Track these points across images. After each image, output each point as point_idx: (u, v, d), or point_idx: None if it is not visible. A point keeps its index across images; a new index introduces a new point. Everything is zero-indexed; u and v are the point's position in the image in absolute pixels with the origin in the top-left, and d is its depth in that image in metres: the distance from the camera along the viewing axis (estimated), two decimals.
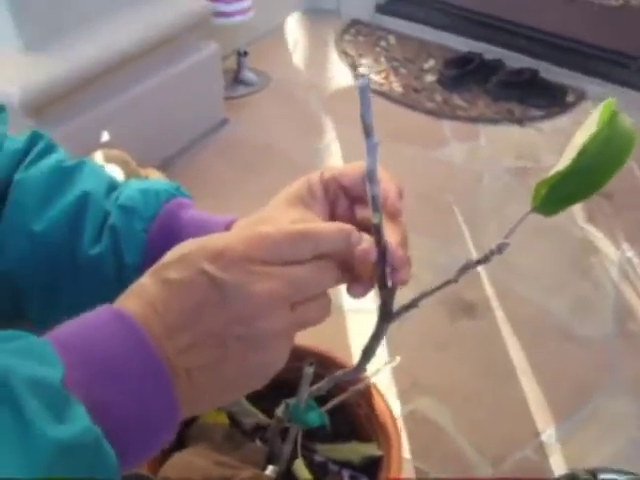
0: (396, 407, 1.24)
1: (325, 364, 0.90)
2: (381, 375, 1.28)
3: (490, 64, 2.24)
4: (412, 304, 0.52)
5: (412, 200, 1.76)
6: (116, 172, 1.64)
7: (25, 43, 1.41)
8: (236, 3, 1.97)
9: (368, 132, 0.39)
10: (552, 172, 0.37)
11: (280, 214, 0.43)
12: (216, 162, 1.93)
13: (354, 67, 2.41)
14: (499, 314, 1.43)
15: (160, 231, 0.51)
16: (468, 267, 0.46)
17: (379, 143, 0.39)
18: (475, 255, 1.57)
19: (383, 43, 2.58)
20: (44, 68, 1.40)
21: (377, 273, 0.51)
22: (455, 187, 1.82)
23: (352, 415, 0.90)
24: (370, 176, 0.40)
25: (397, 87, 2.29)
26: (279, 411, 0.76)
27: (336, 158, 1.95)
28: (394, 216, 0.44)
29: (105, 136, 1.59)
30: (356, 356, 0.78)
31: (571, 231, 1.68)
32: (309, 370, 0.70)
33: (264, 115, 2.14)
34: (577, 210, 1.72)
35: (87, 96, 1.52)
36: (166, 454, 0.79)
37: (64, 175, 0.54)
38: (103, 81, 1.55)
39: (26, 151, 0.55)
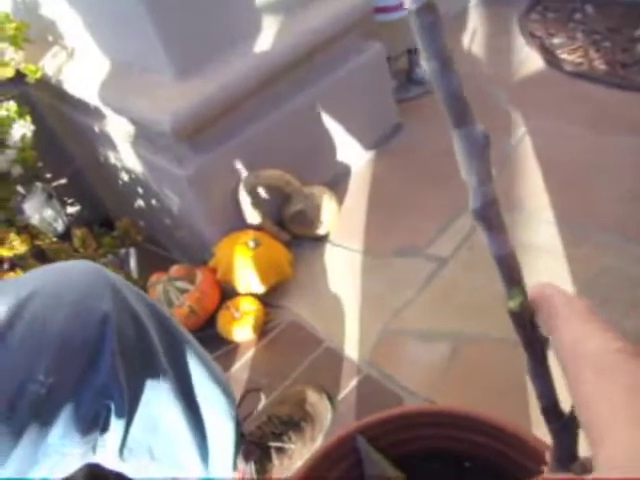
0: None
1: (506, 441, 0.67)
2: None
3: None
4: None
5: (627, 202, 1.41)
6: None
7: (176, 70, 1.36)
8: None
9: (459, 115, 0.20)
10: None
11: None
12: (391, 173, 1.75)
13: (544, 50, 2.07)
14: None
15: None
16: None
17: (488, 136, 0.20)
18: None
19: (578, 15, 2.19)
20: (195, 92, 1.33)
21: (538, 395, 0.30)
22: None
23: None
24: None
25: (600, 64, 1.91)
26: None
27: (530, 155, 1.65)
28: None
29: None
30: None
31: None
32: None
33: (442, 115, 1.91)
34: None
35: (241, 116, 1.43)
36: None
37: None
38: (257, 98, 1.45)
39: None
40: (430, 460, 0.75)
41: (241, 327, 1.32)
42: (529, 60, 2.07)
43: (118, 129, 1.55)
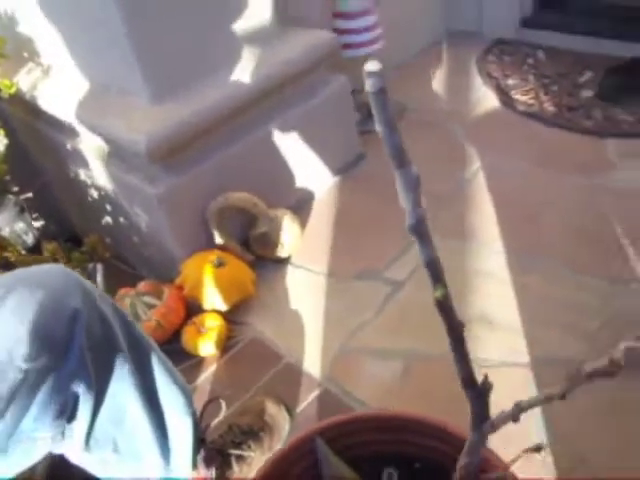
0: None
1: (453, 443, 0.75)
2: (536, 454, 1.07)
3: None
4: (514, 415, 0.38)
5: (572, 235, 1.53)
6: None
7: (153, 94, 1.42)
8: (364, 34, 1.88)
9: (397, 155, 0.29)
10: None
11: None
12: (353, 199, 1.84)
13: (500, 90, 2.21)
14: None
15: None
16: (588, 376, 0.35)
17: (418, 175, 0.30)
18: None
19: (531, 60, 2.35)
20: (171, 116, 1.40)
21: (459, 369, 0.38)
22: (625, 218, 1.55)
23: None
24: (416, 229, 0.31)
25: (549, 107, 2.06)
26: None
27: (482, 189, 1.77)
28: None
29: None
30: None
31: None
32: None
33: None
34: None
35: (213, 140, 1.51)
36: None
37: None
38: (229, 124, 1.52)
39: None
40: (383, 462, 0.81)
41: (206, 342, 1.38)
42: (485, 99, 2.21)
43: (91, 147, 1.60)
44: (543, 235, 1.54)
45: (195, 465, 0.98)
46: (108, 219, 1.79)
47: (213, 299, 1.44)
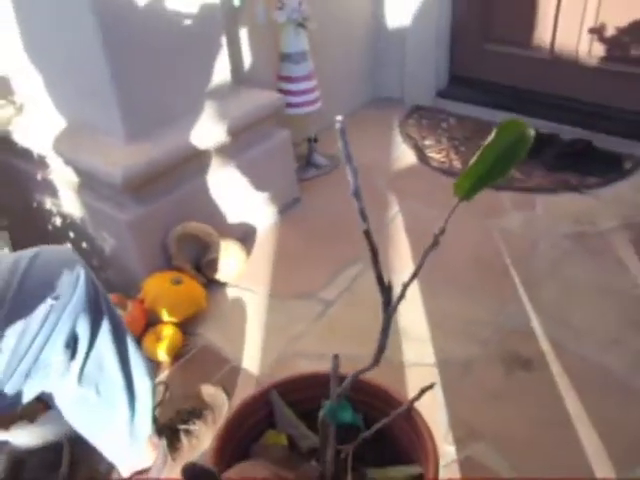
0: (451, 452, 1.29)
1: (370, 392, 1.00)
2: (438, 423, 1.36)
3: (544, 138, 2.35)
4: (402, 295, 0.67)
5: (472, 264, 1.86)
6: None
7: (127, 134, 1.67)
8: (304, 95, 2.21)
9: (349, 159, 0.55)
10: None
11: None
12: (291, 235, 2.12)
13: (417, 149, 2.58)
14: (555, 368, 1.48)
15: None
16: (428, 251, 0.70)
17: (357, 168, 0.56)
18: (533, 317, 1.65)
19: (444, 125, 2.76)
20: (142, 154, 1.65)
21: (375, 274, 0.66)
22: (512, 252, 1.90)
23: (398, 441, 0.99)
24: (355, 193, 0.58)
25: (457, 164, 2.44)
26: (321, 412, 0.87)
27: (400, 229, 2.09)
28: None
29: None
30: None
31: (629, 290, 1.71)
32: (335, 363, 0.84)
33: (333, 193, 2.33)
34: (636, 269, 1.76)
35: (176, 177, 1.76)
36: (230, 465, 0.91)
37: None
38: (190, 164, 1.79)
39: None
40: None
41: (163, 348, 1.59)
42: (405, 156, 2.57)
43: (62, 178, 1.81)
44: (448, 265, 1.87)
45: (155, 422, 1.20)
46: (68, 246, 1.99)
47: (171, 312, 1.67)
